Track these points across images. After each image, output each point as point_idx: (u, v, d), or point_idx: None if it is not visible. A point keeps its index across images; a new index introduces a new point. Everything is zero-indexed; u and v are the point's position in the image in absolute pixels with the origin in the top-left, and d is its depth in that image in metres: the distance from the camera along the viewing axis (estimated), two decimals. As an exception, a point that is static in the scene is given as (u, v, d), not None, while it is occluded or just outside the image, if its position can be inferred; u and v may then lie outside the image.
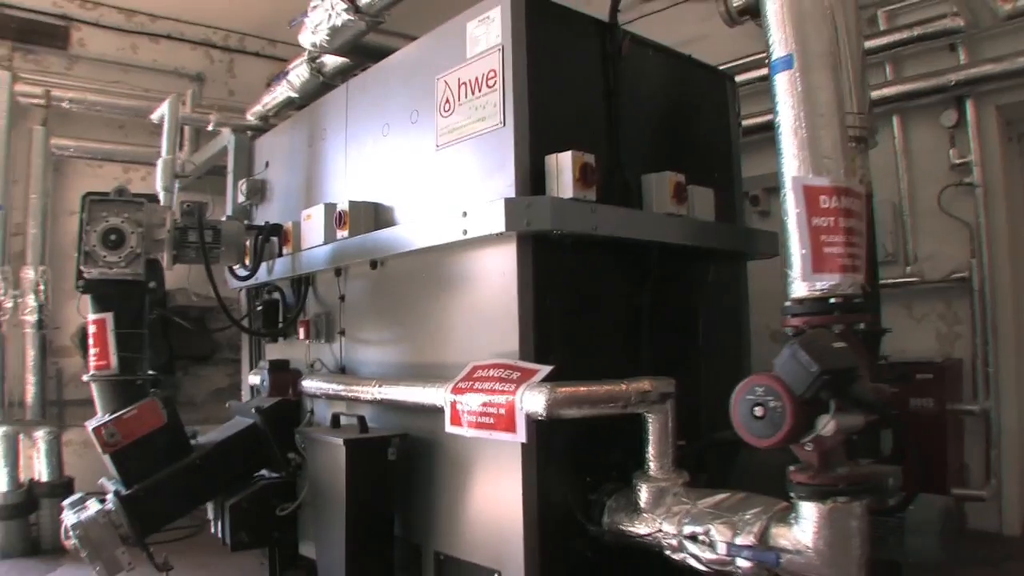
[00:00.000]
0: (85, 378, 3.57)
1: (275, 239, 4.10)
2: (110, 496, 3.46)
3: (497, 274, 2.79)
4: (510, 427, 2.46)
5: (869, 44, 4.92)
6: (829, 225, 2.21)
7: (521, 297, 2.69)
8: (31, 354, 5.02)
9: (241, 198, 4.53)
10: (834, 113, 2.33)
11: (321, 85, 4.22)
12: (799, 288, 2.26)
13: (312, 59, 4.13)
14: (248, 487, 3.80)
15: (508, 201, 2.61)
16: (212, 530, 4.08)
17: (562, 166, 2.68)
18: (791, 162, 2.30)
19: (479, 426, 2.59)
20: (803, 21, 2.38)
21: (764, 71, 4.11)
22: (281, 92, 4.57)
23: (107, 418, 3.42)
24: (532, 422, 2.51)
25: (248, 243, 3.96)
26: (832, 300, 2.22)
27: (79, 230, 3.43)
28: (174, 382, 6.28)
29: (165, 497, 3.56)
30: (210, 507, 4.07)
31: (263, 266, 4.15)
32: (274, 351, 4.40)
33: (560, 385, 2.40)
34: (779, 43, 2.39)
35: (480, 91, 2.92)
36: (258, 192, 4.50)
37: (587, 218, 2.72)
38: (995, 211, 4.70)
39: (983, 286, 4.63)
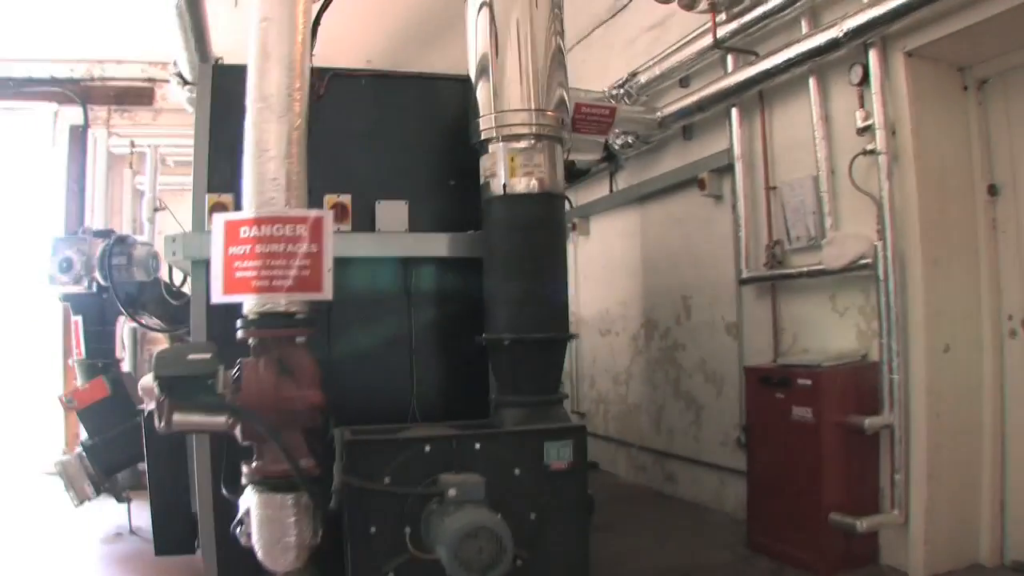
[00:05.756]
0: (70, 362, 5.74)
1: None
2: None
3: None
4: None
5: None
6: (245, 252, 3.03)
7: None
8: (127, 343, 7.53)
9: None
10: (274, 153, 3.06)
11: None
12: (246, 306, 3.08)
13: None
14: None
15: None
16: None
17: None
18: (246, 198, 3.13)
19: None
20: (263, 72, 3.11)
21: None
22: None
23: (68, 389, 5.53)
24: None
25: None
26: (252, 317, 2.98)
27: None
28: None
29: (116, 447, 5.51)
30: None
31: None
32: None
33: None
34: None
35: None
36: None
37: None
38: (903, 183, 4.29)
39: (888, 274, 4.31)
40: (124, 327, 7.46)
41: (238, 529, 3.08)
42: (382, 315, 4.18)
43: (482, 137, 3.86)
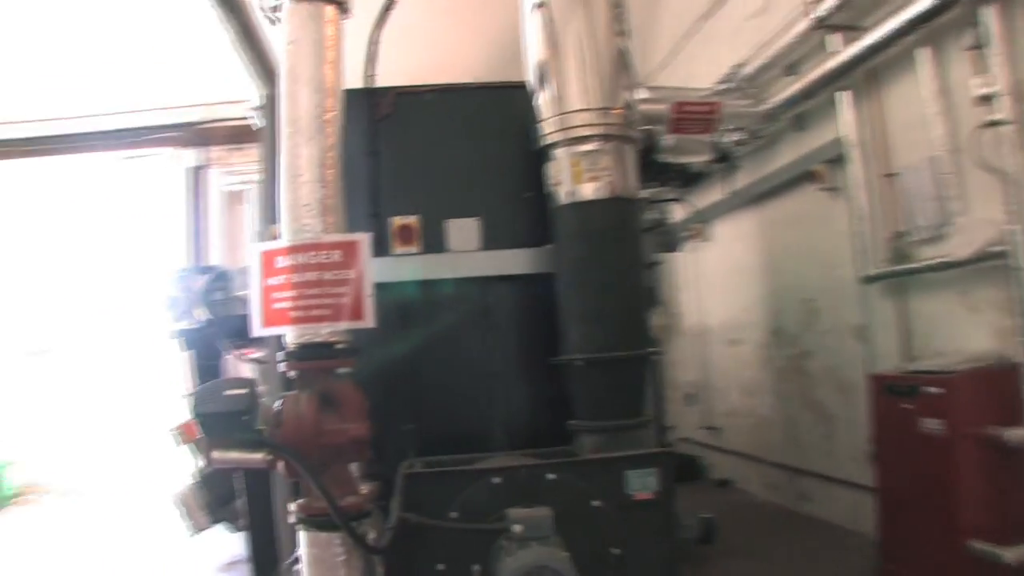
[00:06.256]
0: (181, 397, 5.99)
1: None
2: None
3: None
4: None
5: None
6: (282, 282, 2.91)
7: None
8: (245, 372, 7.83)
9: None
10: (307, 177, 2.96)
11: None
12: (287, 338, 2.96)
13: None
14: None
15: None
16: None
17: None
18: (282, 226, 3.00)
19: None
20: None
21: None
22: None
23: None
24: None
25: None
26: (291, 349, 2.89)
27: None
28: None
29: (229, 477, 5.71)
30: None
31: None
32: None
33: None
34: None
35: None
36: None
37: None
38: (1037, 155, 3.74)
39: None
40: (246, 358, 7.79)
41: (294, 567, 3.03)
42: (462, 338, 4.06)
43: (545, 143, 3.68)
